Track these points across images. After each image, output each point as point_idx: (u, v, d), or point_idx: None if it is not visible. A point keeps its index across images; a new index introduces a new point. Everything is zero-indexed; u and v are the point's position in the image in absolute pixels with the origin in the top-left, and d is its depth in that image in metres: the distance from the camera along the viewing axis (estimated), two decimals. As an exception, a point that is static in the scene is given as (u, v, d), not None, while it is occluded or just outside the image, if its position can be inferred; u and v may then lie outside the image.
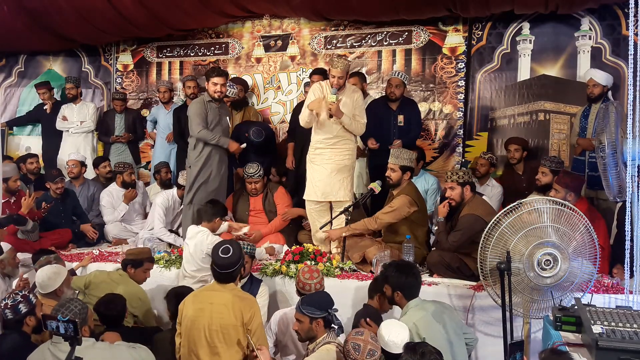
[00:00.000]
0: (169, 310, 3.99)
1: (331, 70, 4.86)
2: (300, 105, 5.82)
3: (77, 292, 4.36)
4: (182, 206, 5.79)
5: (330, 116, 4.83)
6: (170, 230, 5.80)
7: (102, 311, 3.78)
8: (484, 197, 5.40)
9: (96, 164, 6.75)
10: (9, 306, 3.35)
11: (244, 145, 5.53)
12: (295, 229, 5.75)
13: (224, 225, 4.92)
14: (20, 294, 3.42)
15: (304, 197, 5.16)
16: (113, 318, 3.78)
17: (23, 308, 3.37)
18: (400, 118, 5.83)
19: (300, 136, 5.87)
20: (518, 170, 5.85)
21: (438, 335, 3.32)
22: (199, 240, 4.52)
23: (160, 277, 4.86)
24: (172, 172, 6.58)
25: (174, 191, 5.92)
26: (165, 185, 6.31)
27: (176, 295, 3.89)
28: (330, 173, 4.92)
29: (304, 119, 5.01)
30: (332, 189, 4.94)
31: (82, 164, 6.50)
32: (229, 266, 3.41)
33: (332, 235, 4.91)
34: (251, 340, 3.29)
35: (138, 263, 4.42)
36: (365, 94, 6.36)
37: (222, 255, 3.41)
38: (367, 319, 3.51)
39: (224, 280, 3.45)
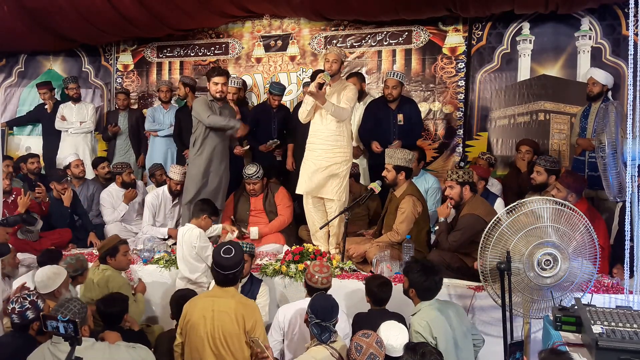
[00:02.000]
0: (172, 314, 3.99)
1: (326, 56, 4.92)
2: (299, 105, 5.82)
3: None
4: (173, 202, 5.86)
5: (320, 88, 4.74)
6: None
7: (102, 309, 3.79)
8: (499, 198, 5.43)
9: (95, 164, 6.73)
10: (16, 311, 3.35)
11: (247, 147, 5.54)
12: (296, 228, 5.75)
13: (218, 228, 4.95)
14: (29, 299, 3.42)
15: (296, 192, 5.18)
16: (112, 317, 3.77)
17: (30, 314, 3.38)
18: (400, 117, 5.84)
19: (300, 137, 5.87)
20: (523, 170, 5.80)
21: (448, 336, 3.34)
22: (187, 237, 4.57)
23: (160, 277, 4.87)
24: (166, 173, 6.55)
25: (164, 188, 5.92)
26: (175, 195, 6.23)
27: (179, 298, 3.89)
28: (319, 169, 4.91)
29: (303, 111, 5.01)
30: (319, 185, 4.93)
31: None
32: (233, 267, 3.34)
33: (355, 251, 4.83)
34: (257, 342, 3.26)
35: (114, 250, 4.42)
36: (364, 94, 6.36)
37: (224, 255, 3.35)
38: None
39: (226, 283, 3.39)
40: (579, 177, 4.78)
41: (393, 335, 3.14)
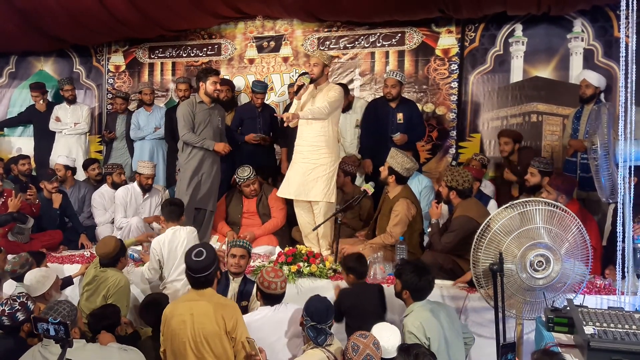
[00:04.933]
0: (143, 319, 3.97)
1: (310, 60, 4.98)
2: (289, 108, 5.81)
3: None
4: (144, 197, 5.94)
5: (296, 92, 4.96)
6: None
7: (94, 325, 3.70)
8: (492, 200, 5.44)
9: (85, 166, 6.69)
10: (6, 313, 3.34)
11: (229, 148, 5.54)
12: (288, 230, 5.72)
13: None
14: (18, 301, 3.41)
15: (277, 194, 5.22)
16: (104, 329, 3.70)
17: (20, 316, 3.38)
18: (400, 116, 5.88)
19: (293, 141, 5.84)
20: (512, 165, 5.74)
21: (440, 337, 3.36)
22: (183, 238, 4.58)
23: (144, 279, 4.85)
24: (124, 173, 6.45)
25: (134, 183, 5.96)
26: (145, 190, 6.13)
27: (149, 304, 3.88)
28: (305, 172, 4.92)
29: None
30: (305, 188, 4.92)
31: (68, 168, 6.33)
32: (204, 269, 3.32)
33: (348, 251, 4.79)
34: (246, 345, 3.23)
35: (124, 250, 4.51)
36: (350, 104, 6.28)
37: (195, 258, 3.34)
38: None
39: (200, 286, 3.36)
40: (569, 178, 4.79)
41: (385, 337, 3.15)
